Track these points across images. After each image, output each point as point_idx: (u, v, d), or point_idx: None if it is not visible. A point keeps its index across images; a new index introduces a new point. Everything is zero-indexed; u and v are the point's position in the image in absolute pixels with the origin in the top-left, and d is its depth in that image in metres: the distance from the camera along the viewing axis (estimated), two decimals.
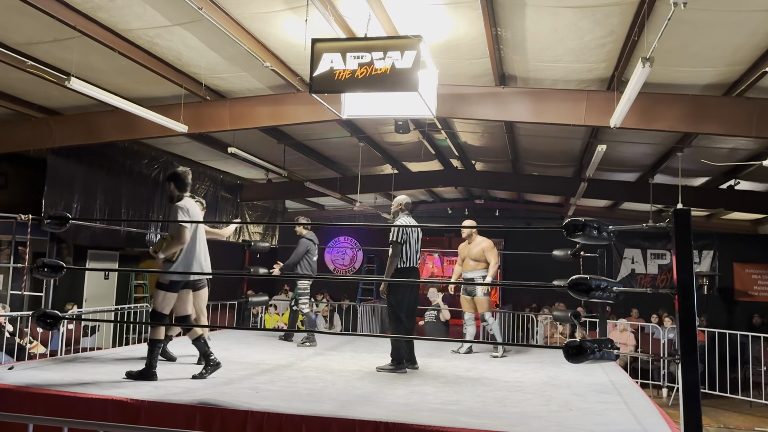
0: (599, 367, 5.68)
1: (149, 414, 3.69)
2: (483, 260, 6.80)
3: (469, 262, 6.90)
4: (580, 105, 7.24)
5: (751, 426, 7.86)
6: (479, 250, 6.82)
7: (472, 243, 6.91)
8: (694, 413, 3.03)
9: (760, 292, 13.17)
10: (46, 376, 4.46)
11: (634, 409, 4.08)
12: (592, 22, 5.67)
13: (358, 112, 6.12)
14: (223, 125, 8.45)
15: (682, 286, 3.14)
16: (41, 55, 6.82)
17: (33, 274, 4.64)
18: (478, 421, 3.58)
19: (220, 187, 13.71)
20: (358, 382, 4.82)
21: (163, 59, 7.11)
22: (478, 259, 6.82)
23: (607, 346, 3.22)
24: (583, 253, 6.69)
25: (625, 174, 11.89)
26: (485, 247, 6.81)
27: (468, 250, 6.94)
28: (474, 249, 6.87)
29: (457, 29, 6.06)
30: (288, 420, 3.53)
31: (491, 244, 6.87)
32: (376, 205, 15.83)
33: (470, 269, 6.87)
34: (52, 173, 9.35)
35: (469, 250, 6.92)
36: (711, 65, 6.35)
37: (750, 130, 6.83)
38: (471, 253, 6.89)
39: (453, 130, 9.91)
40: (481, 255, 6.81)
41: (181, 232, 4.65)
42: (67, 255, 10.28)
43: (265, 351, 6.35)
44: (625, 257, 13.87)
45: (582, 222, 3.34)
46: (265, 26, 6.20)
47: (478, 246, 6.85)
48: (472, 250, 6.88)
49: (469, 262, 6.89)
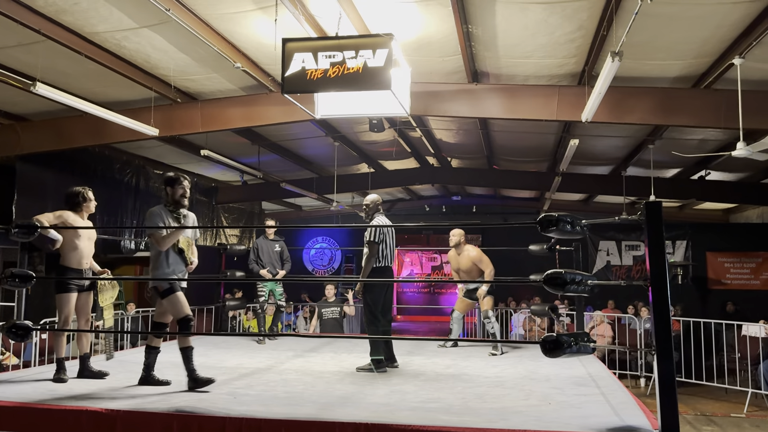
0: (577, 360, 5.72)
1: (125, 424, 3.62)
2: (474, 271, 6.77)
3: (462, 276, 6.89)
4: (551, 100, 7.29)
5: (727, 412, 8.00)
6: (467, 260, 6.79)
7: (461, 253, 6.88)
8: (670, 402, 3.06)
9: (733, 280, 13.41)
10: (19, 388, 4.37)
11: (611, 401, 4.11)
12: (561, 18, 5.71)
13: (332, 111, 6.09)
14: (194, 127, 8.35)
15: (655, 278, 3.16)
16: (5, 60, 6.68)
17: (2, 285, 4.53)
18: (458, 418, 3.58)
19: (195, 190, 13.55)
20: (338, 383, 4.79)
21: (132, 62, 7.00)
22: (469, 272, 6.80)
23: (584, 340, 3.25)
24: (559, 247, 6.74)
25: (598, 167, 12.03)
26: (473, 257, 6.78)
27: (458, 262, 6.91)
28: (462, 260, 6.84)
29: (428, 27, 6.06)
30: (267, 425, 3.49)
31: (480, 253, 6.83)
32: (353, 205, 15.80)
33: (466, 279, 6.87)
34: (22, 180, 9.16)
35: (459, 261, 6.89)
36: (679, 58, 6.44)
37: (719, 121, 6.95)
38: (461, 264, 6.86)
39: (428, 127, 9.93)
40: (471, 266, 6.78)
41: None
42: (39, 264, 10.08)
43: (244, 355, 6.29)
44: (601, 249, 14.03)
45: (555, 217, 3.36)
46: (234, 26, 6.14)
47: (466, 256, 6.82)
48: (461, 262, 6.85)
49: (463, 276, 6.89)
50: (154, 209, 4.67)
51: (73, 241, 4.85)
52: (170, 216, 4.64)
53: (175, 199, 4.70)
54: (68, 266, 4.86)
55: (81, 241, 4.89)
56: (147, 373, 4.61)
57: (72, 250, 4.85)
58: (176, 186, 4.70)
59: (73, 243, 4.85)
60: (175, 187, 4.70)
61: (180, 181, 4.72)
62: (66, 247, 4.84)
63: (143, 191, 11.76)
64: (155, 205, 4.74)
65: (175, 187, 4.70)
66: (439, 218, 17.87)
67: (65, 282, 4.83)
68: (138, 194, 11.61)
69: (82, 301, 4.98)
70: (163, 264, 4.57)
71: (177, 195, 4.69)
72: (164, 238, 4.51)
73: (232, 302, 7.33)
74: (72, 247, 4.85)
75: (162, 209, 4.66)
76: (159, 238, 4.52)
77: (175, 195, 4.69)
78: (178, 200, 4.70)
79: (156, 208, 4.68)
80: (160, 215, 4.61)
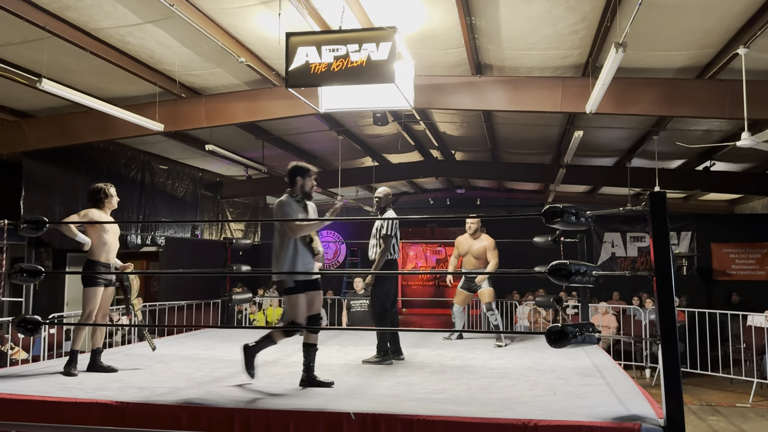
0: (582, 351, 5.74)
1: (134, 415, 3.66)
2: (483, 259, 6.74)
3: (470, 260, 6.83)
4: (555, 92, 7.29)
5: (732, 402, 8.01)
6: (481, 248, 6.74)
7: (476, 239, 6.84)
8: (675, 392, 3.08)
9: (738, 271, 13.38)
10: (29, 382, 4.41)
11: (617, 391, 4.13)
12: (565, 9, 5.70)
13: (336, 105, 6.09)
14: (199, 122, 8.38)
15: (660, 269, 3.17)
16: (10, 56, 6.71)
17: (11, 280, 4.55)
18: (464, 408, 3.60)
19: (200, 185, 13.60)
20: (345, 375, 4.83)
21: (136, 57, 7.03)
22: (479, 258, 6.76)
23: (589, 330, 3.26)
24: (564, 239, 6.74)
25: (602, 159, 12.02)
26: (487, 245, 6.73)
27: (470, 246, 6.85)
28: (476, 245, 6.78)
29: (431, 19, 6.06)
30: (275, 416, 3.53)
31: (493, 244, 6.78)
32: (357, 198, 15.82)
33: (471, 267, 6.80)
34: (29, 176, 9.22)
35: (471, 245, 6.82)
36: (683, 49, 6.43)
37: (723, 111, 6.94)
38: (473, 249, 6.79)
39: (432, 120, 9.93)
40: (483, 253, 6.73)
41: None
42: (46, 259, 10.15)
43: None
44: (605, 241, 14.00)
45: (560, 208, 3.37)
46: (238, 21, 6.15)
47: (481, 243, 6.77)
48: (474, 247, 6.79)
49: (471, 260, 6.83)
50: (285, 200, 4.48)
51: (101, 237, 4.91)
52: (299, 207, 4.51)
53: (306, 191, 4.56)
54: (97, 260, 4.91)
55: (108, 237, 4.96)
56: (308, 374, 4.38)
57: (100, 246, 4.91)
58: (308, 177, 4.54)
59: (102, 238, 4.91)
60: (307, 179, 4.54)
61: (312, 173, 4.57)
62: (94, 243, 4.89)
63: (149, 186, 11.82)
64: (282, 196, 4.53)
65: (307, 179, 4.54)
66: (443, 211, 17.88)
67: (94, 276, 4.88)
68: (144, 189, 11.67)
69: (105, 296, 5.03)
70: (288, 256, 4.39)
71: (308, 187, 4.55)
72: (301, 228, 4.37)
73: (238, 296, 7.35)
74: (100, 243, 4.91)
75: (291, 200, 4.49)
76: (294, 227, 4.35)
77: (306, 187, 4.54)
78: (308, 192, 4.58)
79: (286, 198, 4.50)
80: (290, 205, 4.46)
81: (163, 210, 12.25)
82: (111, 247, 4.99)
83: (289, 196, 4.53)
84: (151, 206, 11.91)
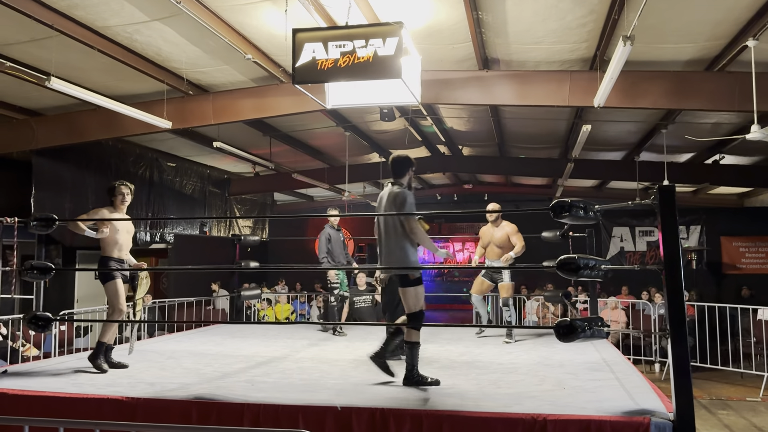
0: (591, 346, 5.74)
1: (145, 411, 3.69)
2: (507, 247, 6.70)
3: (493, 249, 6.80)
4: (563, 86, 7.25)
5: (743, 396, 7.97)
6: (503, 235, 6.71)
7: (498, 227, 6.80)
8: (684, 386, 3.07)
9: (748, 265, 13.32)
10: (41, 378, 4.45)
11: (626, 385, 4.13)
12: (572, 2, 5.67)
13: (343, 101, 6.09)
14: (206, 119, 8.40)
15: (669, 262, 3.16)
16: (19, 55, 6.74)
17: (22, 277, 4.58)
18: (474, 403, 3.61)
19: (208, 182, 13.65)
20: (354, 371, 4.84)
21: (143, 55, 7.05)
22: (503, 246, 6.72)
23: (598, 325, 3.26)
24: (572, 234, 6.72)
25: (611, 153, 11.96)
26: (509, 231, 6.70)
27: (492, 235, 6.82)
28: (498, 233, 6.75)
29: (438, 14, 6.04)
30: (284, 411, 3.55)
31: (515, 229, 6.74)
32: (365, 194, 15.82)
33: (495, 257, 6.78)
34: (39, 175, 9.28)
35: (493, 234, 6.79)
36: (692, 41, 6.38)
37: (732, 104, 6.88)
38: (494, 238, 6.77)
39: (438, 115, 9.91)
40: (506, 240, 6.69)
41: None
42: (56, 256, 10.22)
43: (260, 344, 6.36)
44: (614, 236, 13.97)
45: (568, 203, 3.36)
46: (244, 18, 6.16)
47: (503, 230, 6.74)
48: (496, 235, 6.76)
49: (494, 249, 6.79)
50: (409, 193, 4.31)
51: (113, 236, 4.96)
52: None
53: (410, 183, 4.48)
54: (110, 256, 4.98)
55: (120, 235, 5.01)
56: (411, 372, 4.19)
57: (111, 244, 4.97)
58: (412, 168, 4.42)
59: (114, 237, 4.97)
60: (411, 170, 4.42)
61: (413, 162, 4.44)
62: (106, 240, 4.95)
63: (157, 183, 11.87)
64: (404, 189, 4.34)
65: (411, 170, 4.42)
66: (451, 207, 17.85)
67: (110, 271, 4.94)
68: (152, 187, 11.72)
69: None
70: (411, 250, 4.25)
71: (411, 178, 4.46)
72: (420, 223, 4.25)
73: (248, 292, 7.38)
74: (112, 241, 4.96)
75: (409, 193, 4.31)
76: (415, 224, 4.19)
77: (410, 178, 4.45)
78: (411, 183, 4.49)
79: (403, 190, 4.31)
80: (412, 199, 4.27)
81: (171, 207, 12.30)
82: (123, 245, 5.04)
83: (405, 189, 4.32)
84: (160, 203, 11.97)
